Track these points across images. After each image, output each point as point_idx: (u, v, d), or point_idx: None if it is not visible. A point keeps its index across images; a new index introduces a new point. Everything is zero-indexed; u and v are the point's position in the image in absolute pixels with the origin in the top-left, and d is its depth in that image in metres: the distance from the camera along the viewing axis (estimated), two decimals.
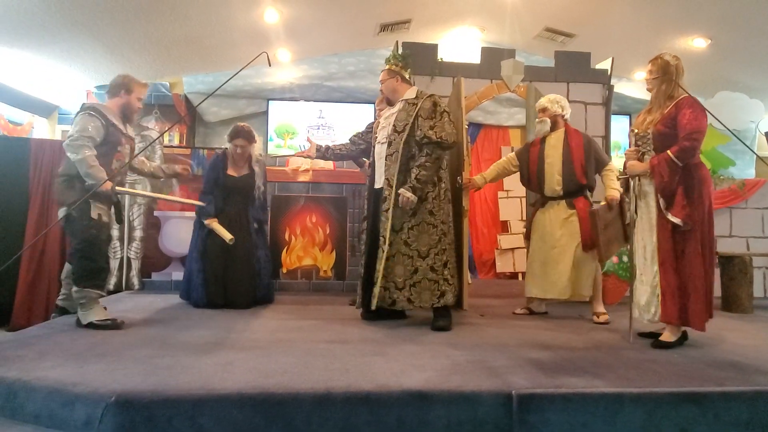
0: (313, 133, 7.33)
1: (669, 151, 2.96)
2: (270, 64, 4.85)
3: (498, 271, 7.43)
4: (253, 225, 4.33)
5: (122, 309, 3.87)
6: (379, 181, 3.61)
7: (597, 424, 2.12)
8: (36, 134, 6.48)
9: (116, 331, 3.15)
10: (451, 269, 3.50)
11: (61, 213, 3.29)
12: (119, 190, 3.38)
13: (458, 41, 7.09)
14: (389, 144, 3.55)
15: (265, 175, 4.54)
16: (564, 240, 3.88)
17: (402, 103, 3.62)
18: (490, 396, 2.13)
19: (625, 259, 4.59)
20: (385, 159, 3.56)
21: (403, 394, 2.10)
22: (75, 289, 3.25)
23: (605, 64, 5.17)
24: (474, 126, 7.64)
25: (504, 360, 2.62)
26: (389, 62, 3.69)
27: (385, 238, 3.45)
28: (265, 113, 7.34)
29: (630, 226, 3.29)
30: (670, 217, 2.98)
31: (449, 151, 3.61)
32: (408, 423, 2.06)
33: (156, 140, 4.97)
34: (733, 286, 4.62)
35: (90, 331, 3.14)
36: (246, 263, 4.20)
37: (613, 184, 3.85)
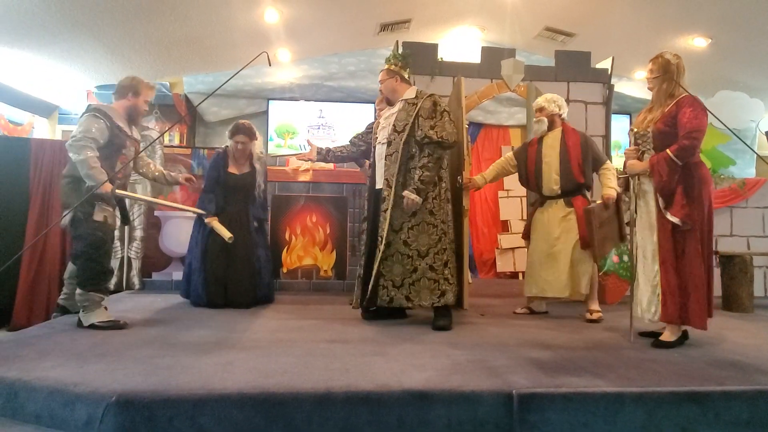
0: (314, 133, 7.33)
1: (668, 150, 2.95)
2: (270, 64, 4.86)
3: (498, 270, 7.43)
4: (253, 224, 4.33)
5: (122, 309, 3.87)
6: (379, 181, 3.60)
7: (598, 423, 2.12)
8: (36, 134, 6.48)
9: (117, 331, 3.15)
10: (452, 269, 3.50)
11: (65, 215, 3.26)
12: (119, 193, 3.33)
13: (458, 41, 7.09)
14: (389, 144, 3.54)
15: (266, 173, 4.54)
16: (562, 239, 3.88)
17: (402, 103, 3.61)
18: (490, 395, 2.13)
19: (626, 258, 4.59)
20: (385, 159, 3.55)
21: (404, 394, 2.10)
22: (79, 292, 3.24)
23: (605, 64, 5.17)
24: (474, 125, 7.64)
25: (504, 359, 2.62)
26: (389, 62, 3.69)
27: (382, 237, 3.45)
28: (265, 113, 7.33)
29: (630, 225, 3.28)
30: (669, 216, 2.98)
31: (450, 150, 3.61)
32: (408, 423, 2.06)
33: (156, 140, 4.97)
34: (733, 285, 4.62)
35: (90, 331, 3.14)
36: (246, 262, 4.20)
37: (609, 182, 3.85)
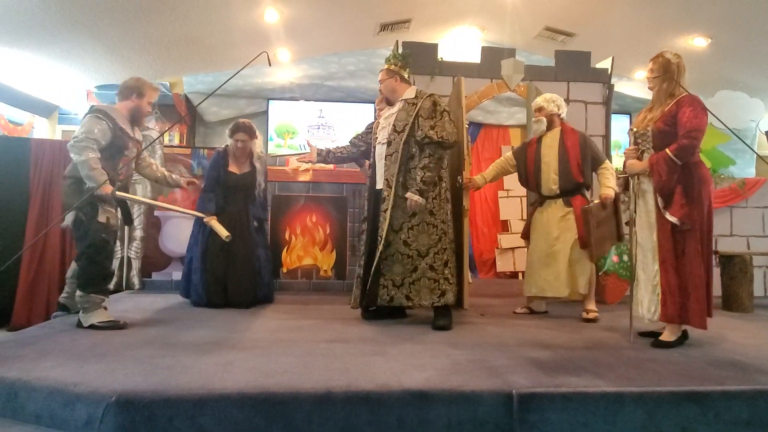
0: (313, 133, 7.33)
1: (668, 150, 2.95)
2: (270, 64, 4.86)
3: (498, 270, 7.43)
4: (253, 223, 4.32)
5: (122, 309, 3.87)
6: (379, 181, 3.60)
7: (597, 423, 2.12)
8: (36, 134, 6.48)
9: (117, 331, 3.15)
10: (452, 268, 3.49)
11: (67, 216, 3.23)
12: (119, 195, 3.32)
13: (458, 41, 7.09)
14: (389, 144, 3.54)
15: (266, 173, 4.54)
16: (561, 238, 3.89)
17: (401, 103, 3.61)
18: (490, 395, 2.13)
19: (626, 258, 4.59)
20: (385, 159, 3.55)
21: (404, 394, 2.10)
22: (79, 293, 3.23)
23: (605, 64, 5.17)
24: (474, 125, 7.65)
25: (504, 359, 2.62)
26: (389, 62, 3.69)
27: (382, 237, 3.45)
28: (265, 113, 7.33)
29: (630, 225, 3.28)
30: (668, 216, 2.97)
31: (450, 150, 3.61)
32: (408, 422, 2.06)
33: (156, 140, 4.96)
34: (733, 285, 4.62)
35: (90, 331, 3.14)
36: (246, 262, 4.20)
37: (608, 182, 3.85)
